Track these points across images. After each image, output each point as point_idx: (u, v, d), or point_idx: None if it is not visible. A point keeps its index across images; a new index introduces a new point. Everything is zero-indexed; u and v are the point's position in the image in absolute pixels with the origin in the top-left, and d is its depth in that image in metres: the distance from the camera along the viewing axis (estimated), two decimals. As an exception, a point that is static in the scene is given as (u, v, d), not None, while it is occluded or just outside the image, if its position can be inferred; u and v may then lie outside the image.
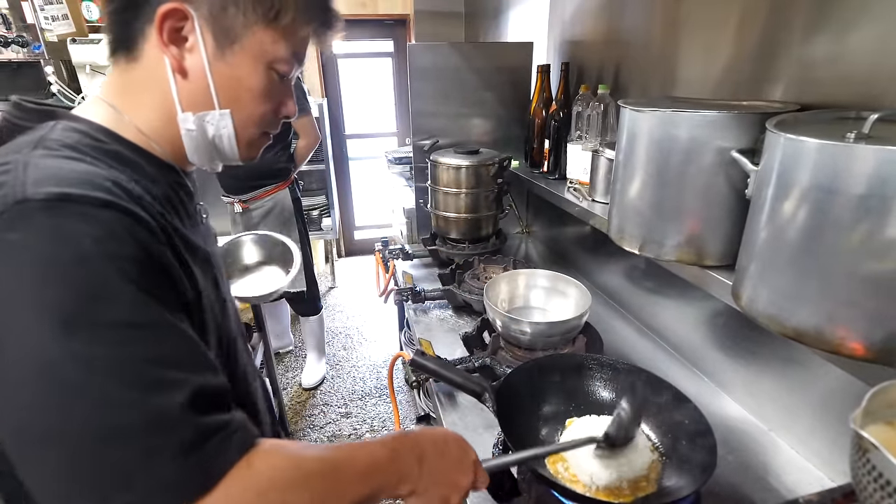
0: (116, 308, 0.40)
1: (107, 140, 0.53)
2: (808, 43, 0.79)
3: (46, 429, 0.37)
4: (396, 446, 0.56)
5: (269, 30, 0.55)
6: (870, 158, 0.50)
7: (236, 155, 0.61)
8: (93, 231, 0.41)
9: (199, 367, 0.44)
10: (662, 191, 0.82)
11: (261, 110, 0.59)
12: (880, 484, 0.37)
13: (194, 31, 0.53)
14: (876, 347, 0.55)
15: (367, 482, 0.51)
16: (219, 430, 0.42)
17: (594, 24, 1.50)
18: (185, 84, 0.55)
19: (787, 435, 0.92)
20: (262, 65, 0.56)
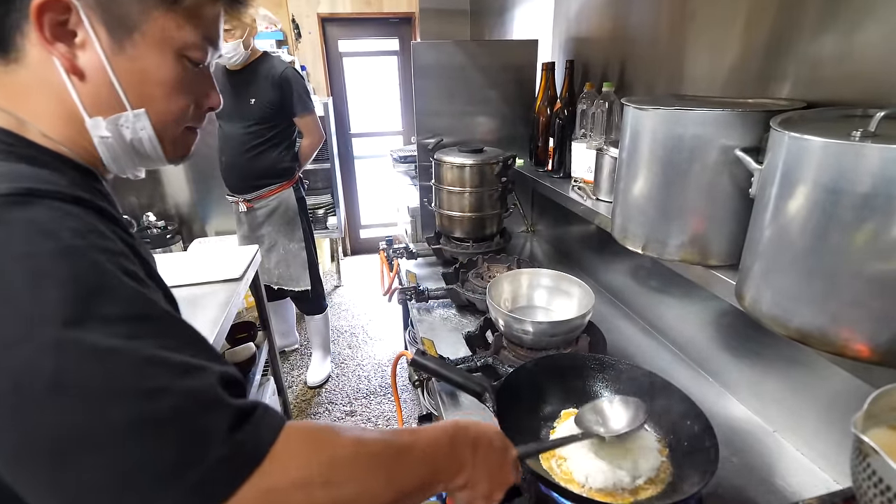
0: (118, 301, 0.37)
1: (15, 143, 0.47)
2: (816, 41, 0.78)
3: (73, 437, 0.33)
4: (455, 433, 0.55)
5: (170, 13, 0.49)
6: (875, 157, 0.50)
7: (162, 157, 0.56)
8: (72, 224, 0.38)
9: (213, 355, 0.42)
10: (666, 190, 0.81)
11: (179, 105, 0.54)
12: (880, 489, 0.36)
13: (82, 23, 0.46)
14: (882, 349, 0.54)
15: (427, 468, 0.50)
16: (254, 408, 0.40)
17: (599, 22, 1.49)
18: (85, 86, 0.49)
19: (792, 437, 0.91)
20: (171, 53, 0.51)
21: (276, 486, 0.38)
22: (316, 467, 0.40)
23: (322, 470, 0.41)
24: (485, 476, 0.57)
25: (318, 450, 0.42)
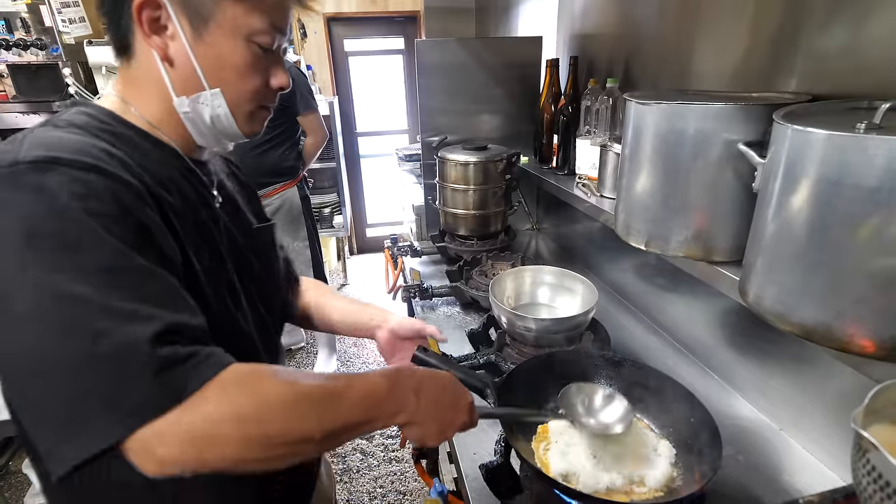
0: (94, 254, 0.45)
1: (113, 123, 0.58)
2: (822, 34, 0.77)
3: (38, 360, 0.43)
4: (396, 377, 0.60)
5: (238, 4, 0.56)
6: (881, 149, 0.49)
7: (237, 130, 0.64)
8: (75, 189, 0.46)
9: (174, 306, 0.48)
10: (669, 185, 0.81)
11: (250, 85, 0.61)
12: (880, 485, 0.36)
13: (171, 18, 0.56)
14: (887, 345, 0.53)
15: (363, 408, 0.55)
16: (189, 357, 0.46)
17: (604, 17, 1.48)
18: (174, 71, 0.58)
19: (799, 435, 0.90)
20: (241, 39, 0.58)
21: (205, 420, 0.45)
22: (248, 405, 0.47)
23: (254, 408, 0.47)
24: (433, 416, 0.62)
25: (252, 390, 0.48)
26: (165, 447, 0.44)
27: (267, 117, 0.67)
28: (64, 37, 2.73)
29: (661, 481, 0.73)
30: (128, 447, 0.43)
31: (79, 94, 2.60)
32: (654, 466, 0.75)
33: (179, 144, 0.63)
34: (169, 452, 0.44)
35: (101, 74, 2.69)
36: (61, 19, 2.71)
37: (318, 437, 0.51)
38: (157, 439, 0.44)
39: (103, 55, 2.61)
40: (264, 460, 0.49)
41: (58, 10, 2.69)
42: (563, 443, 0.77)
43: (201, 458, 0.45)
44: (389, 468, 2.16)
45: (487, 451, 0.89)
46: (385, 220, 4.41)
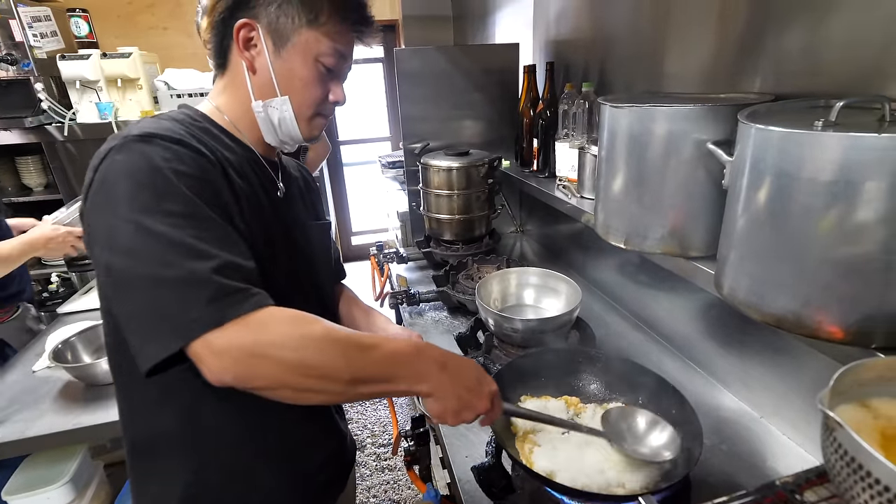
0: (175, 202, 0.57)
1: (202, 120, 0.73)
2: (783, 37, 0.80)
3: (129, 280, 0.55)
4: (422, 347, 0.66)
5: (312, 30, 0.71)
6: (835, 145, 0.52)
7: (299, 133, 0.76)
8: (165, 154, 0.60)
9: (232, 249, 0.59)
10: (644, 185, 0.83)
11: (312, 95, 0.75)
12: (846, 461, 0.38)
13: (260, 38, 0.71)
14: (852, 330, 0.56)
15: (388, 364, 0.62)
16: (238, 291, 0.56)
17: (578, 24, 1.52)
18: (256, 79, 0.73)
19: (779, 421, 0.93)
20: (310, 59, 0.72)
21: (253, 339, 0.54)
22: (288, 336, 0.56)
23: (293, 339, 0.56)
24: (453, 393, 0.66)
25: (293, 325, 0.57)
26: (216, 357, 0.53)
27: (324, 125, 0.80)
28: (35, 51, 2.69)
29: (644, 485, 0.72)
30: (191, 354, 0.54)
31: (52, 110, 2.56)
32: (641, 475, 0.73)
33: (254, 143, 0.77)
34: (219, 363, 0.53)
35: (74, 89, 2.65)
36: (32, 34, 2.67)
37: (346, 377, 0.58)
38: (208, 350, 0.53)
39: (77, 69, 2.57)
40: (297, 389, 0.57)
41: (28, 24, 2.65)
42: (548, 443, 0.78)
43: (247, 372, 0.54)
44: (382, 477, 2.15)
45: (479, 453, 0.90)
46: (370, 227, 4.41)
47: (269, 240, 0.73)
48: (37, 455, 1.29)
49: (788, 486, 0.47)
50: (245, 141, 0.76)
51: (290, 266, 0.78)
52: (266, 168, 0.79)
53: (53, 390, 1.26)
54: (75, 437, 1.13)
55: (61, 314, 1.71)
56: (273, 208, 0.76)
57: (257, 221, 0.70)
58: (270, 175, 0.79)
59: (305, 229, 0.85)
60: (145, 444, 0.74)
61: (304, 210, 0.88)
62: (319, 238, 0.90)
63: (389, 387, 0.62)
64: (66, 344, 1.30)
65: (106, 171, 0.60)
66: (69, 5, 2.83)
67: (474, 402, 0.68)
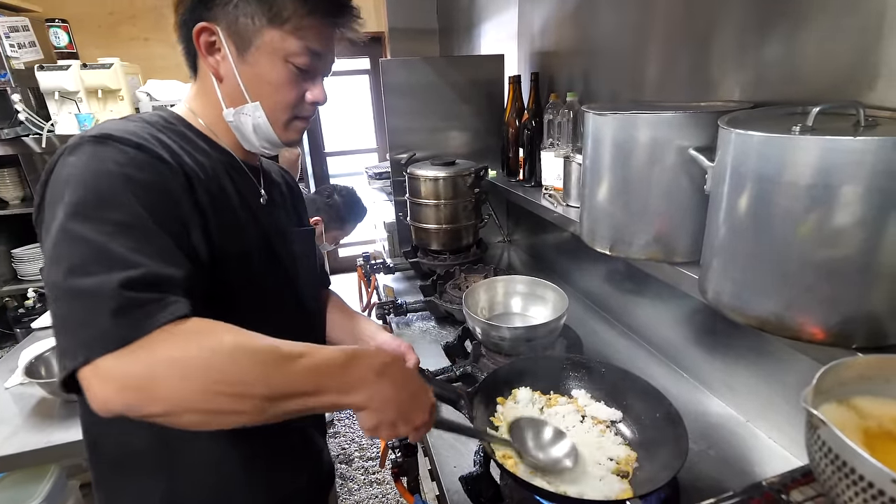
0: (116, 210, 0.53)
1: (177, 123, 0.69)
2: (760, 47, 0.83)
3: (52, 280, 0.51)
4: (355, 354, 0.58)
5: (274, 29, 0.65)
6: (813, 149, 0.53)
7: (276, 138, 0.73)
8: (118, 158, 0.56)
9: (161, 260, 0.54)
10: (628, 191, 0.84)
11: (285, 98, 0.70)
12: (830, 458, 0.38)
13: (221, 42, 0.66)
14: (834, 331, 0.56)
15: (313, 376, 0.54)
16: (148, 303, 0.50)
17: (561, 35, 1.54)
18: (223, 86, 0.69)
19: (764, 425, 0.93)
20: (279, 60, 0.67)
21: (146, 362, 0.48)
22: (192, 350, 0.50)
23: (197, 353, 0.49)
24: (392, 404, 0.59)
25: (201, 338, 0.51)
26: (101, 383, 0.47)
27: (304, 128, 0.76)
28: (13, 62, 2.65)
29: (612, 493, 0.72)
30: (80, 377, 0.48)
31: (29, 121, 2.52)
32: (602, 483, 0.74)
33: (233, 148, 0.74)
34: (102, 389, 0.47)
35: (53, 100, 2.61)
36: (9, 44, 2.63)
37: (262, 393, 0.51)
38: (97, 376, 0.47)
39: (56, 80, 2.53)
40: (204, 412, 0.50)
41: (5, 34, 2.61)
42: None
43: (138, 398, 0.48)
44: (370, 491, 2.11)
45: (467, 462, 0.89)
46: (356, 239, 4.38)
47: (245, 249, 0.69)
48: (9, 475, 1.24)
49: (775, 487, 0.47)
50: (223, 145, 0.73)
51: (270, 274, 0.75)
52: (247, 174, 0.76)
53: (27, 407, 1.22)
54: (49, 455, 1.09)
55: (35, 329, 1.66)
56: (253, 215, 0.73)
57: (232, 231, 0.67)
58: (252, 181, 0.76)
59: (288, 236, 0.82)
60: (114, 462, 0.70)
61: (287, 216, 0.85)
62: (303, 244, 0.86)
63: (315, 400, 0.55)
64: (40, 359, 1.26)
65: (57, 172, 0.57)
66: (49, 15, 2.80)
67: (414, 414, 0.62)
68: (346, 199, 1.89)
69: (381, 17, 3.60)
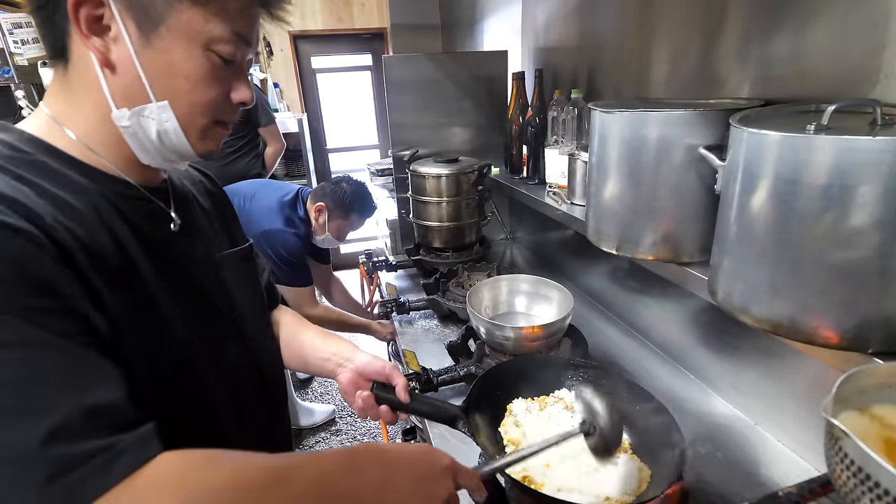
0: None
1: (31, 150, 0.50)
2: (770, 42, 0.81)
3: None
4: (357, 455, 0.51)
5: (196, 7, 0.50)
6: (829, 148, 0.51)
7: (189, 149, 0.56)
8: None
9: (81, 384, 0.40)
10: (635, 190, 0.83)
11: (205, 97, 0.54)
12: (853, 471, 0.37)
13: (114, 17, 0.48)
14: (849, 335, 0.55)
15: (318, 496, 0.46)
16: (94, 454, 0.38)
17: (565, 31, 1.52)
18: (116, 78, 0.51)
19: (773, 428, 0.92)
20: (198, 47, 0.51)
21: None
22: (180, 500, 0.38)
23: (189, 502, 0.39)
24: (406, 495, 0.52)
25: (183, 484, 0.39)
26: None
27: (224, 135, 0.60)
28: (16, 58, 2.64)
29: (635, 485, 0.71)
30: None
31: (34, 118, 2.52)
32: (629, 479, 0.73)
33: (123, 166, 0.56)
34: None
35: (57, 97, 2.61)
36: (13, 40, 2.62)
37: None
38: None
39: (59, 77, 2.53)
40: None
41: (9, 31, 2.60)
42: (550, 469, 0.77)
43: None
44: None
45: (472, 464, 0.88)
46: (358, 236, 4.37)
47: (151, 299, 0.54)
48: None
49: (792, 497, 0.46)
50: (107, 169, 0.54)
51: (196, 317, 0.61)
52: (147, 201, 0.58)
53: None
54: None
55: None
56: (162, 251, 0.57)
57: (126, 287, 0.51)
58: (155, 208, 0.59)
59: (215, 264, 0.67)
60: None
61: (213, 239, 0.69)
62: (236, 269, 0.71)
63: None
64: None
65: None
66: (51, 12, 2.79)
67: (434, 492, 0.54)
68: (354, 188, 1.87)
69: (383, 12, 3.58)
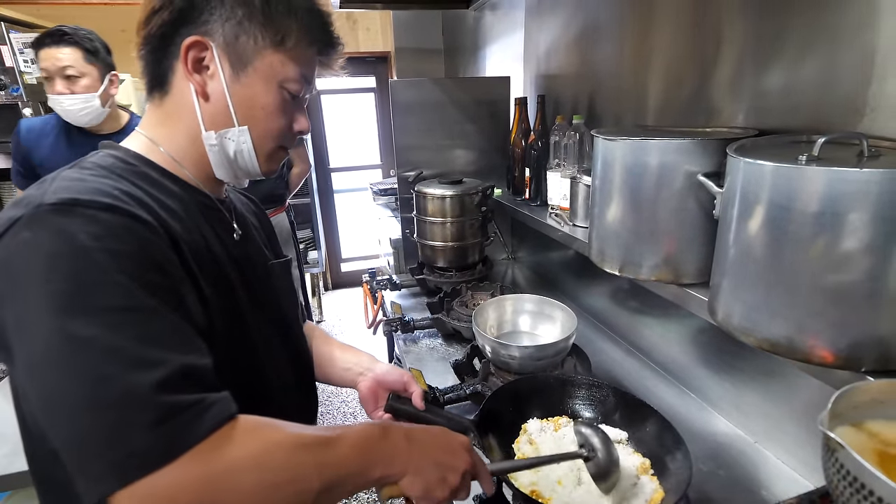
0: (108, 294, 0.46)
1: (137, 164, 0.61)
2: (763, 75, 0.86)
3: (54, 400, 0.44)
4: (386, 425, 0.60)
5: (277, 53, 0.62)
6: (819, 179, 0.55)
7: (257, 168, 0.67)
8: (93, 229, 0.47)
9: (182, 347, 0.48)
10: (637, 214, 0.86)
11: (276, 125, 0.66)
12: (849, 481, 0.39)
13: (214, 59, 0.60)
14: (843, 354, 0.58)
15: (361, 455, 0.54)
16: (190, 406, 0.45)
17: (567, 59, 1.59)
18: (208, 106, 0.62)
19: (773, 446, 0.94)
20: (274, 84, 0.63)
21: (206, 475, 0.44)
22: (251, 459, 0.47)
23: (259, 460, 0.47)
24: (430, 462, 0.60)
25: (254, 442, 0.48)
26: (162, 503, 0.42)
27: (284, 158, 0.72)
28: (25, 77, 2.70)
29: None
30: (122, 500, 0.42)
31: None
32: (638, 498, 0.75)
33: (202, 181, 0.67)
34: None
35: (65, 115, 2.66)
36: (23, 59, 2.69)
37: (317, 487, 0.50)
38: (152, 496, 0.42)
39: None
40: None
41: (20, 50, 2.67)
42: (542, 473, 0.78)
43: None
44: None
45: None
46: (359, 254, 4.40)
47: (235, 300, 0.65)
48: (19, 491, 1.23)
49: (792, 509, 0.48)
50: (191, 181, 0.66)
51: (254, 315, 0.69)
52: (220, 210, 0.69)
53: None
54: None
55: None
56: (229, 255, 0.67)
57: (221, 284, 0.62)
58: (224, 218, 0.70)
59: (266, 270, 0.76)
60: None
61: (262, 249, 0.79)
62: (282, 278, 0.80)
63: (362, 480, 0.54)
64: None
65: (10, 254, 0.46)
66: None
67: (453, 462, 0.61)
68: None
69: (388, 37, 3.68)
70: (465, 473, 0.62)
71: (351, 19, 3.73)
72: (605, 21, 1.35)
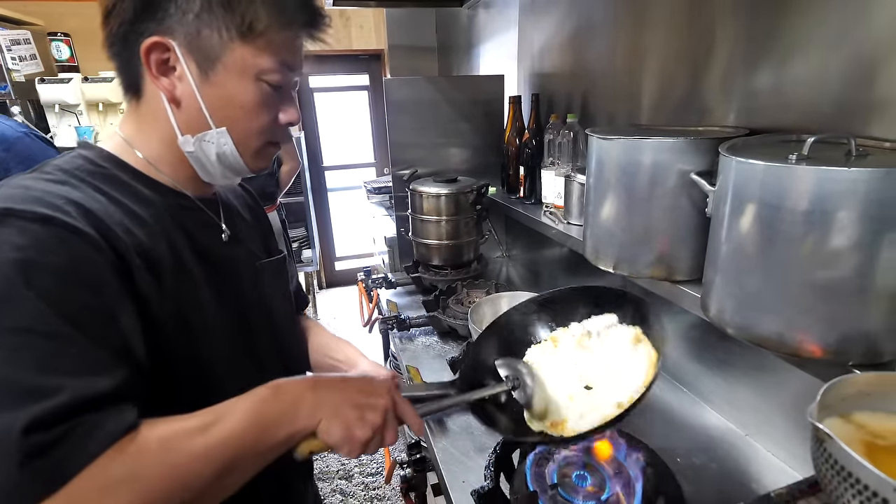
0: (14, 315, 0.43)
1: (108, 166, 0.58)
2: (754, 75, 0.87)
3: None
4: (278, 382, 0.56)
5: (246, 45, 0.57)
6: (808, 177, 0.56)
7: (244, 167, 0.64)
8: (18, 241, 0.45)
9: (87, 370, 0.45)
10: (631, 212, 0.88)
11: (258, 123, 0.61)
12: (836, 470, 0.41)
13: (178, 60, 0.56)
14: (831, 349, 0.59)
15: (254, 421, 0.51)
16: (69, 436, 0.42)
17: (561, 58, 1.60)
18: (181, 112, 0.59)
19: (763, 439, 0.96)
20: (250, 79, 0.58)
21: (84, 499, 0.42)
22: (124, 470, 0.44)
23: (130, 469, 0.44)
24: (345, 404, 0.57)
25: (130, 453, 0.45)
26: None
27: (275, 153, 0.68)
28: (13, 75, 2.67)
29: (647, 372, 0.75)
30: None
31: (31, 134, 2.53)
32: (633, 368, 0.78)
33: (182, 182, 0.64)
34: None
35: (53, 112, 2.63)
36: (11, 57, 2.66)
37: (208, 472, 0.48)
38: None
39: (56, 93, 2.55)
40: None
41: (7, 47, 2.64)
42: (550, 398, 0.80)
43: None
44: (369, 507, 2.10)
45: (477, 477, 0.90)
46: (353, 252, 4.40)
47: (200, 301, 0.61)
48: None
49: (783, 498, 0.50)
50: (167, 183, 0.62)
51: (238, 317, 0.67)
52: (203, 211, 0.66)
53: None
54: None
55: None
56: (213, 259, 0.64)
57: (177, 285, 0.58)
58: (208, 219, 0.67)
59: (255, 272, 0.74)
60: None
61: (254, 249, 0.76)
62: (272, 277, 0.77)
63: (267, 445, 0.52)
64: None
65: None
66: (51, 29, 2.83)
67: (372, 401, 0.59)
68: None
69: (381, 34, 3.67)
70: (387, 411, 0.60)
71: (344, 17, 3.72)
72: (598, 20, 1.36)
